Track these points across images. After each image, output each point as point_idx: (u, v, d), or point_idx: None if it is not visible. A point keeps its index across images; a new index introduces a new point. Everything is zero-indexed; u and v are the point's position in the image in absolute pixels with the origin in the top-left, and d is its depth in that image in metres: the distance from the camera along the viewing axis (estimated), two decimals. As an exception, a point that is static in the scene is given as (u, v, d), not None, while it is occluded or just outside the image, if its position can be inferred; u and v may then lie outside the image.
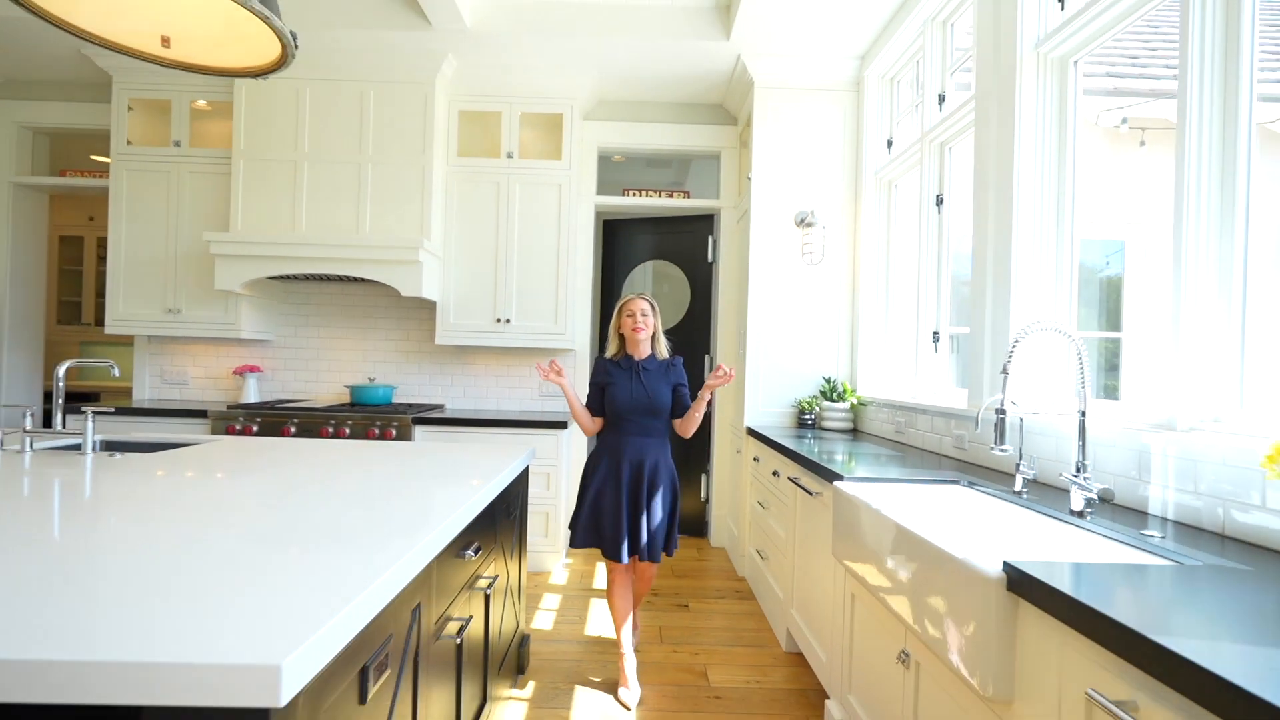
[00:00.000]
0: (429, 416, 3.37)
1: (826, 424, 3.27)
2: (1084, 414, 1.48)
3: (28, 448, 1.83)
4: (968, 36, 2.59)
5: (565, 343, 3.70)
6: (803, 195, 3.46)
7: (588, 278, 4.00)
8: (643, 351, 2.31)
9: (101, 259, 5.61)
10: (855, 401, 3.25)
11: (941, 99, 2.74)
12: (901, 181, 3.15)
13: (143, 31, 1.42)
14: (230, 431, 3.24)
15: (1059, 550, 1.36)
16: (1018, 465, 1.70)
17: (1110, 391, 2.98)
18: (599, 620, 2.82)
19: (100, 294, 5.57)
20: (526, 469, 2.28)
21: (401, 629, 1.06)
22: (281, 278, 3.58)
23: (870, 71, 3.32)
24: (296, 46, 1.40)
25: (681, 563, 3.68)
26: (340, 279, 3.66)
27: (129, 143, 3.57)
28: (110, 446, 2.13)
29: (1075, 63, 1.95)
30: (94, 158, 4.90)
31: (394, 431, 3.28)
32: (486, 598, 1.68)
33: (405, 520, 1.22)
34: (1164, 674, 0.76)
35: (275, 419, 3.28)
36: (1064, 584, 0.96)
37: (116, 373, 1.99)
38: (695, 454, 4.17)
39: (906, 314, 3.05)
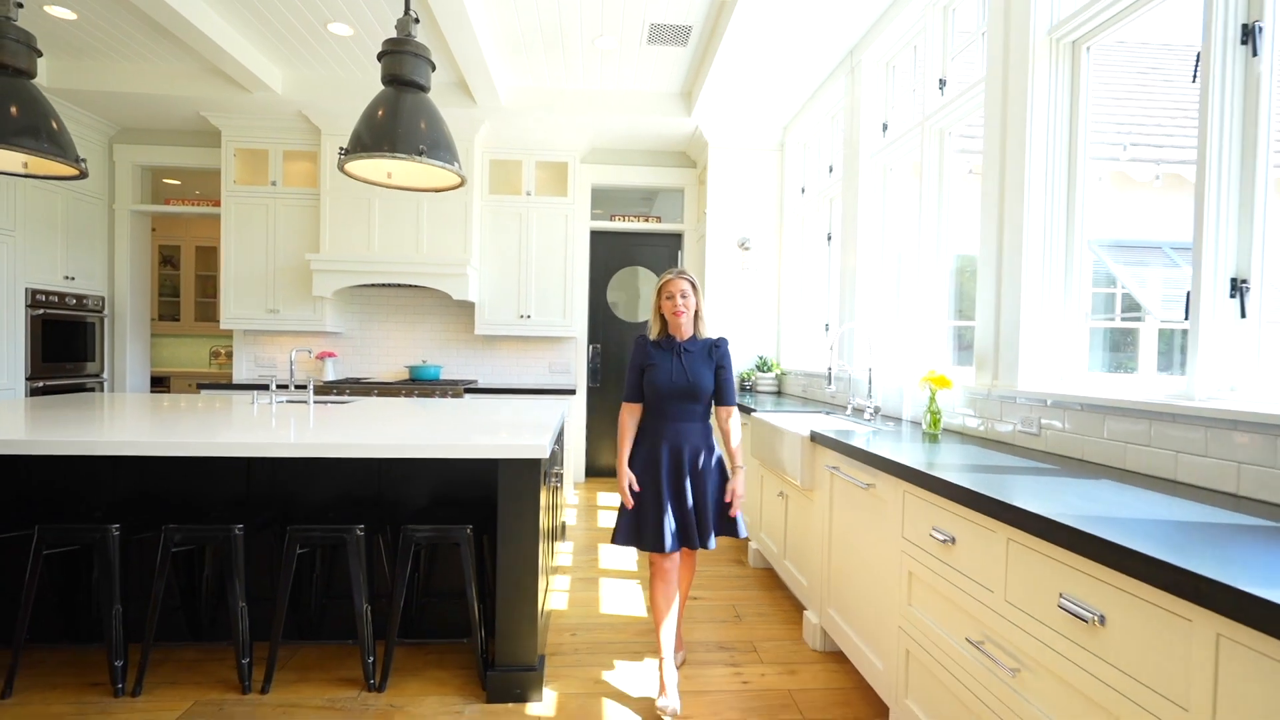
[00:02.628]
0: (474, 387, 4.64)
1: (760, 388, 4.66)
2: (870, 369, 2.89)
3: (273, 400, 3.05)
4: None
5: (570, 332, 5.00)
6: (743, 225, 4.82)
7: (585, 283, 5.28)
8: (685, 332, 2.17)
9: (162, 263, 6.59)
10: (779, 372, 4.65)
11: (831, 169, 4.12)
12: (810, 218, 4.54)
13: (378, 172, 2.65)
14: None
15: (846, 432, 2.76)
16: (850, 401, 3.12)
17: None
18: (606, 520, 4.18)
19: (162, 294, 6.58)
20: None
21: (546, 466, 2.37)
22: (356, 285, 4.76)
23: (790, 137, 4.69)
24: (463, 178, 2.65)
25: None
26: (398, 286, 4.86)
27: (235, 182, 4.67)
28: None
29: (891, 169, 3.35)
30: (166, 181, 5.93)
31: (450, 396, 4.52)
32: (559, 476, 3.00)
33: (537, 420, 2.53)
34: (849, 454, 2.15)
35: (361, 389, 4.48)
36: (829, 434, 2.34)
37: (311, 355, 3.20)
38: (666, 415, 5.53)
39: (811, 310, 4.45)
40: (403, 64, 2.45)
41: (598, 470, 5.49)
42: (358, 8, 3.48)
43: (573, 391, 4.74)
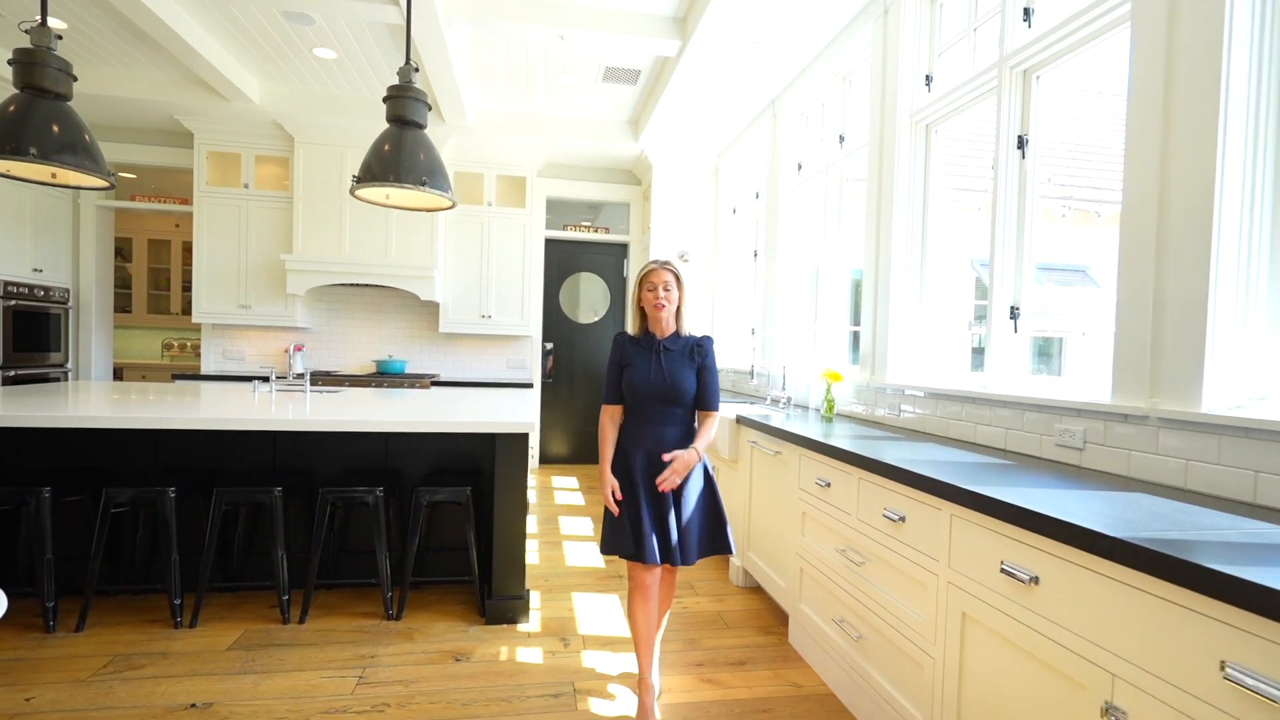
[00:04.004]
0: (439, 380, 5.08)
1: (696, 382, 5.34)
2: (785, 367, 3.60)
3: (273, 389, 3.44)
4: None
5: (526, 331, 5.52)
6: (683, 238, 5.48)
7: (540, 285, 5.80)
8: (666, 329, 2.06)
9: (124, 258, 6.59)
10: (713, 368, 5.34)
11: (757, 195, 4.84)
12: (739, 236, 5.24)
13: (378, 195, 3.11)
14: (303, 390, 4.76)
15: (765, 416, 3.46)
16: (768, 393, 3.82)
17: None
18: (561, 498, 4.74)
19: (117, 287, 6.58)
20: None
21: (532, 439, 2.93)
22: (327, 285, 5.09)
23: (724, 164, 5.38)
24: (454, 202, 3.15)
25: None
26: (366, 285, 5.23)
27: (208, 183, 4.90)
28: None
29: (803, 202, 4.07)
30: (121, 175, 6.00)
31: (417, 388, 4.94)
32: (529, 456, 3.55)
33: (515, 406, 3.07)
34: (763, 431, 2.82)
35: (333, 381, 4.84)
36: (751, 417, 3.02)
37: (302, 348, 3.59)
38: (613, 406, 6.14)
39: (739, 316, 5.17)
40: (405, 106, 2.93)
41: (549, 458, 6.03)
42: (344, 37, 3.88)
43: (529, 385, 5.25)
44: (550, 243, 5.95)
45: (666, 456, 1.96)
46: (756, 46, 3.54)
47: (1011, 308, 2.29)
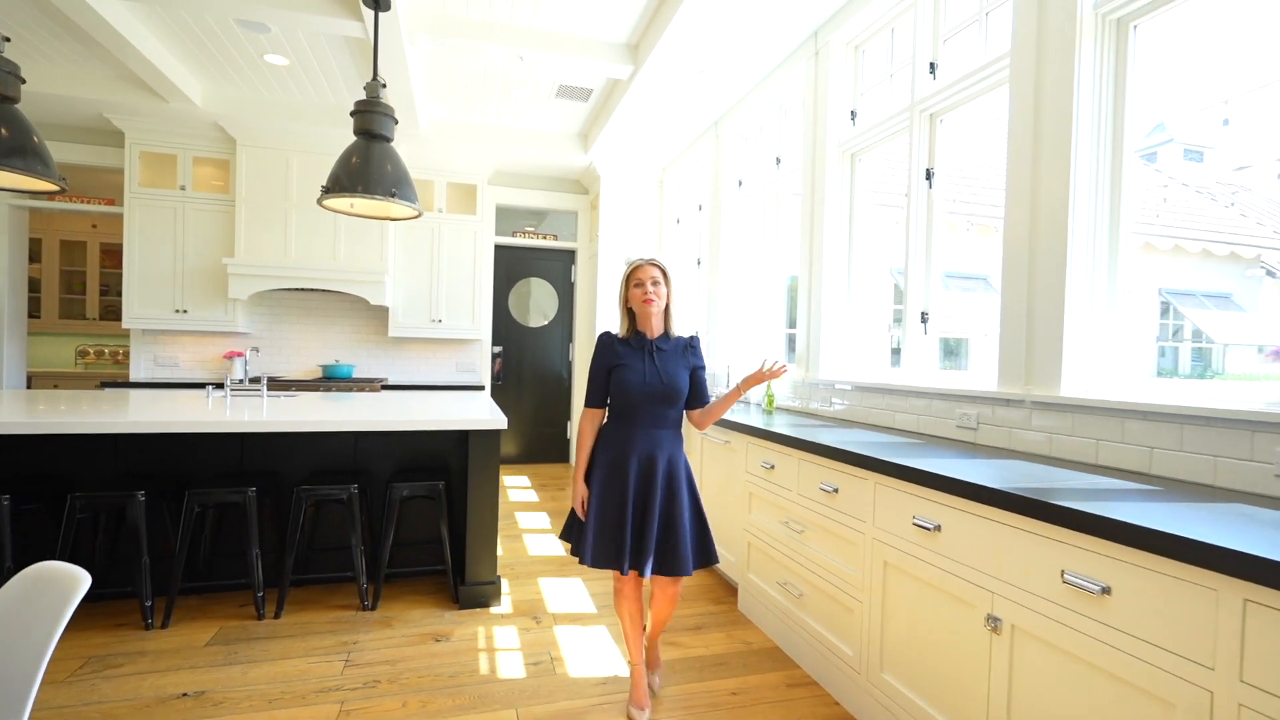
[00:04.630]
0: (388, 384, 5.12)
1: (642, 383, 5.62)
2: (729, 366, 3.94)
3: (228, 393, 3.45)
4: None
5: (476, 335, 5.63)
6: (630, 246, 5.75)
7: (490, 290, 5.92)
8: (656, 328, 2.00)
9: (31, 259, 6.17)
10: (658, 370, 5.64)
11: (700, 207, 5.18)
12: (684, 244, 5.57)
13: (343, 204, 3.21)
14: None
15: (716, 414, 3.77)
16: (715, 391, 4.15)
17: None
18: (514, 496, 4.89)
19: (32, 290, 6.16)
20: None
21: (499, 434, 3.10)
22: (272, 289, 5.03)
23: (669, 177, 5.71)
24: (421, 212, 3.29)
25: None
26: (311, 290, 5.19)
27: (140, 184, 4.75)
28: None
29: (745, 216, 4.44)
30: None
31: (367, 391, 4.96)
32: (489, 453, 3.71)
33: (479, 406, 3.24)
34: (724, 425, 3.12)
35: (280, 386, 4.79)
36: (699, 410, 3.32)
37: (257, 353, 3.61)
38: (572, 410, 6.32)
39: (685, 320, 5.48)
40: (373, 121, 3.06)
41: (500, 458, 6.14)
42: (299, 45, 3.92)
43: (481, 388, 5.38)
44: (500, 249, 6.08)
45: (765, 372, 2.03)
46: (702, 75, 3.86)
47: (922, 313, 2.69)
